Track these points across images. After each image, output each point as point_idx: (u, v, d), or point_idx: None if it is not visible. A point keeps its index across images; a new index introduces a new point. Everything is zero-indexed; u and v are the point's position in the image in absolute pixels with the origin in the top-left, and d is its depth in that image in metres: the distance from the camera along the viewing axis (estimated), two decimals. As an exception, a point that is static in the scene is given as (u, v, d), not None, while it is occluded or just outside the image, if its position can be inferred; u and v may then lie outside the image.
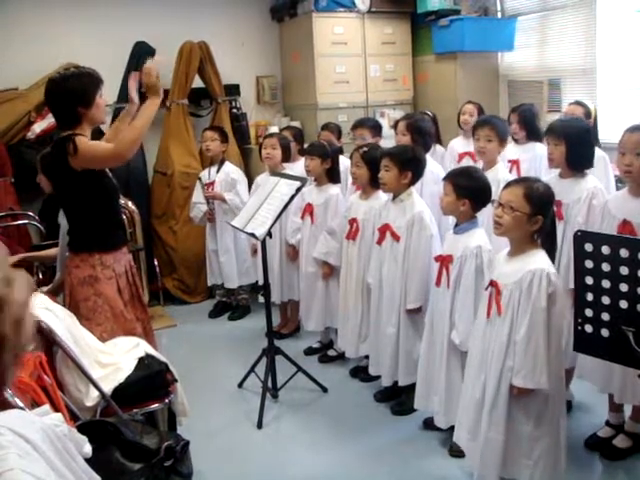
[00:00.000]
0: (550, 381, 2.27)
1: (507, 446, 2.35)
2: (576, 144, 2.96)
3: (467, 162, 4.27)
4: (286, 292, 4.32)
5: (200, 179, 4.80)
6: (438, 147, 4.46)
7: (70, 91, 2.67)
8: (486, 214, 2.86)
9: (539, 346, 2.24)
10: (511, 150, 3.92)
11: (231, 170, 4.80)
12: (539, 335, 2.24)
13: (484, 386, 2.40)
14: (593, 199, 2.90)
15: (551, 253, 2.38)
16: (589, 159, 3.03)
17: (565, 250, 2.90)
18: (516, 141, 4.11)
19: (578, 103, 3.91)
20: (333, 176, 3.94)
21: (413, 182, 3.24)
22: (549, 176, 3.11)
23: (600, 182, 3.50)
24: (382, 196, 3.47)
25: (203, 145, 4.80)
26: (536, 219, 2.31)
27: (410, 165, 3.17)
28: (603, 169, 3.53)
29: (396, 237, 3.19)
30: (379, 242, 3.29)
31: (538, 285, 2.24)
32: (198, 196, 4.79)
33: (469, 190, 2.74)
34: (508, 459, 2.37)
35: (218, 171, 4.77)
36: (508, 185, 2.41)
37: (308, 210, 3.95)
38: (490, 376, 2.37)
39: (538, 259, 2.32)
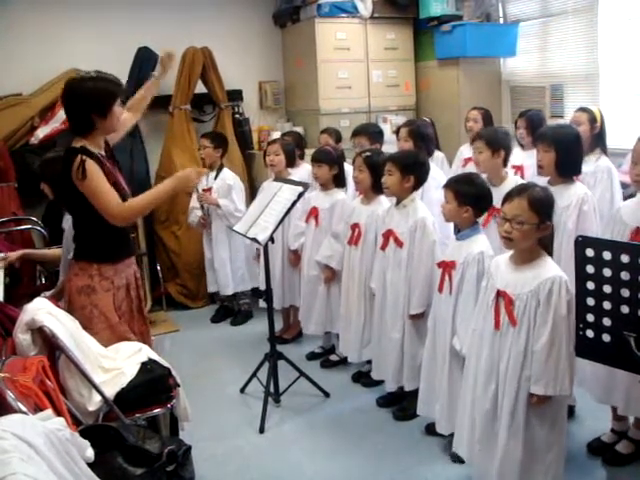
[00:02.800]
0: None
1: (524, 455, 2.34)
2: (565, 150, 2.96)
3: (471, 168, 4.27)
4: (287, 298, 4.32)
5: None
6: (437, 153, 4.46)
7: (86, 95, 2.56)
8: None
9: (561, 353, 2.22)
10: (516, 155, 3.86)
11: (227, 176, 4.79)
12: (561, 343, 2.22)
13: (495, 397, 2.37)
14: (583, 205, 2.90)
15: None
16: (578, 166, 3.04)
17: (555, 256, 2.90)
18: (522, 147, 4.10)
19: (583, 109, 3.84)
20: (339, 181, 3.94)
21: (416, 187, 3.24)
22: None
23: (605, 193, 3.47)
24: (384, 201, 3.47)
25: (200, 152, 4.83)
26: (545, 226, 2.30)
27: (413, 169, 3.17)
28: (608, 180, 3.50)
29: (399, 243, 3.19)
30: (383, 248, 3.29)
31: (558, 293, 2.22)
32: (195, 201, 4.80)
33: (471, 197, 2.74)
34: (523, 467, 2.35)
35: (216, 177, 4.76)
36: (509, 198, 2.33)
37: (313, 213, 3.94)
38: (506, 387, 2.33)
39: (552, 267, 2.30)
